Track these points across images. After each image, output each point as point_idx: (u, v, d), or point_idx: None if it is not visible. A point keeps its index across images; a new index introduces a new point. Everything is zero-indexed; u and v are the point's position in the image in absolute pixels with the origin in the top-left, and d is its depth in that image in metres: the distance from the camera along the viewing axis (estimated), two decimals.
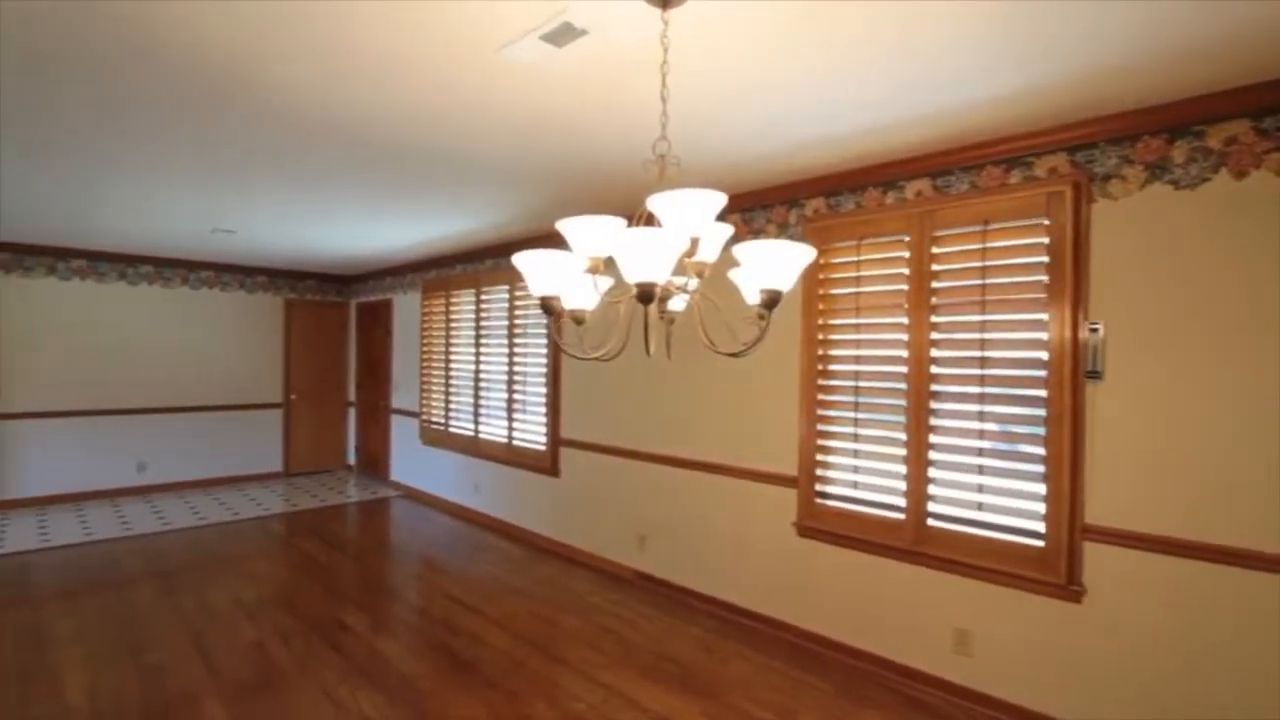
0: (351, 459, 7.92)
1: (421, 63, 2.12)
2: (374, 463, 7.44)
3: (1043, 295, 2.56)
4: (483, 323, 5.62)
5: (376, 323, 7.40)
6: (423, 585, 4.23)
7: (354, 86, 2.31)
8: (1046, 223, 2.56)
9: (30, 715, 2.65)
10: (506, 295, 5.34)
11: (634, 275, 1.36)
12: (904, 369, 2.95)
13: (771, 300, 1.47)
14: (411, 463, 6.73)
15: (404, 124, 2.67)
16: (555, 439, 4.91)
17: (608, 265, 1.66)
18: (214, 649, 3.24)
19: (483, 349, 5.62)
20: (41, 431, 6.05)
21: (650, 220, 1.62)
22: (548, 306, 1.56)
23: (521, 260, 1.51)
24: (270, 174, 3.44)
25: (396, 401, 6.99)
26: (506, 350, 5.34)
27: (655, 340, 1.61)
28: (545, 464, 4.97)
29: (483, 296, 5.61)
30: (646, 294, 1.38)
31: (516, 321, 5.26)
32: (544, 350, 5.01)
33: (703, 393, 3.87)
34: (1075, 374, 2.48)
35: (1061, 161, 2.55)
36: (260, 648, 3.26)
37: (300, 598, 3.94)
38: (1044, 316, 2.56)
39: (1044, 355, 2.57)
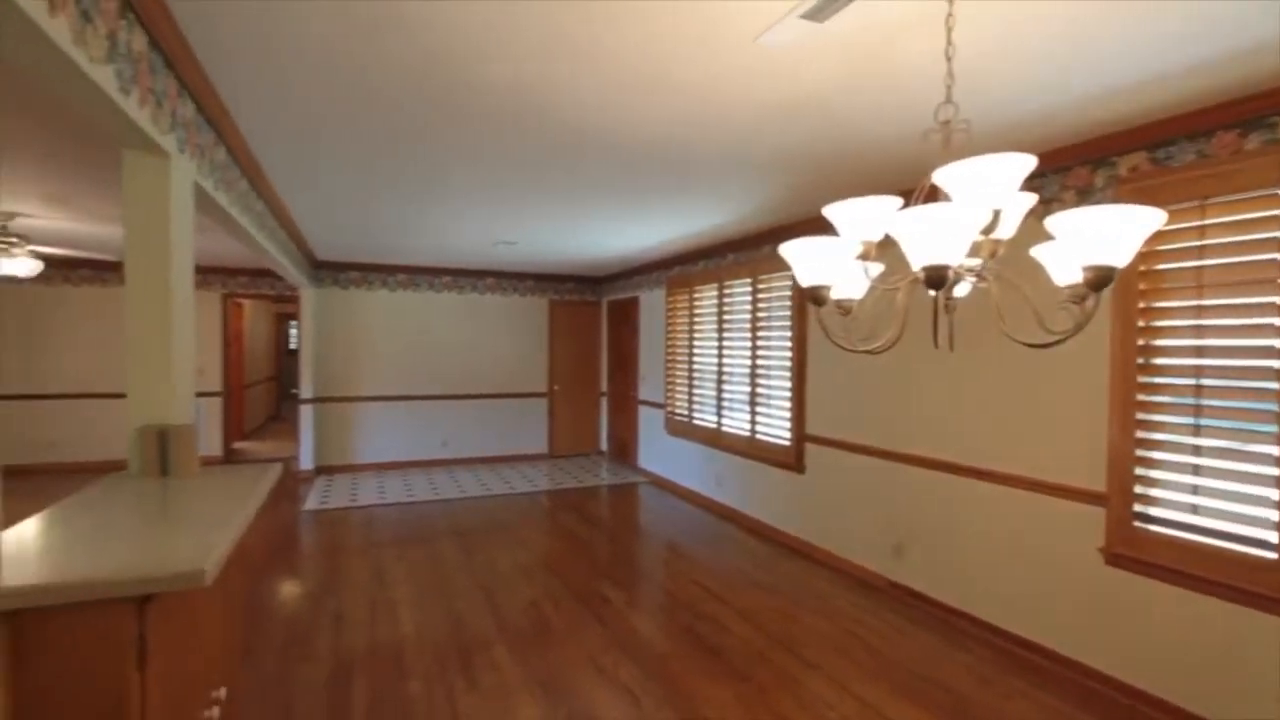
0: (604, 445, 8.64)
1: (681, 64, 2.17)
2: (623, 450, 8.02)
3: None
4: (725, 317, 5.68)
5: (625, 319, 7.95)
6: (670, 569, 4.42)
7: (622, 99, 2.46)
8: None
9: (378, 634, 3.34)
10: (749, 289, 5.33)
11: (922, 258, 1.21)
12: (1277, 363, 2.26)
13: (1101, 279, 1.21)
14: (657, 451, 7.10)
15: (664, 128, 2.77)
16: (800, 434, 4.77)
17: (879, 250, 1.52)
18: (501, 603, 3.75)
19: (725, 343, 5.68)
20: (378, 411, 7.64)
21: (933, 195, 1.44)
22: (816, 297, 1.47)
23: (790, 250, 1.45)
24: (545, 189, 3.86)
25: (643, 393, 7.44)
26: (749, 344, 5.33)
27: (942, 330, 1.43)
28: (789, 459, 4.86)
29: (725, 291, 5.67)
30: (937, 278, 1.22)
31: (759, 315, 5.21)
32: (788, 343, 4.89)
33: (976, 389, 3.42)
34: None
35: None
36: (536, 607, 3.69)
37: (565, 567, 4.39)
38: None
39: None
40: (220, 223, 3.22)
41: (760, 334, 5.21)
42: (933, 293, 1.37)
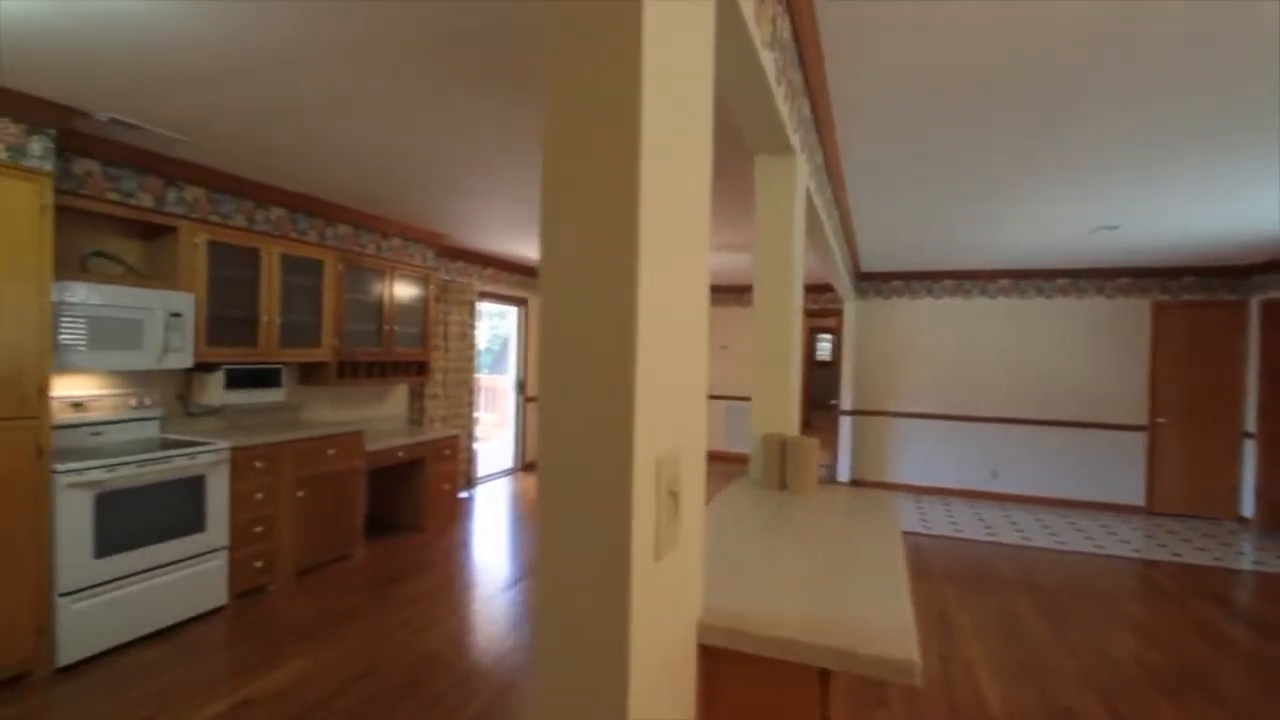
0: (1246, 509, 5.97)
1: None
2: None
3: None
4: None
5: None
6: None
7: None
8: None
9: (957, 701, 2.76)
10: None
11: None
12: None
13: None
14: None
15: None
16: None
17: None
18: None
19: None
20: (915, 430, 7.11)
21: None
22: None
23: None
24: (1183, 143, 2.61)
25: None
26: None
27: None
28: None
29: None
30: None
31: None
32: None
33: None
34: None
35: None
36: None
37: (1232, 693, 2.92)
38: None
39: None
40: (810, 230, 3.22)
41: None
42: None
